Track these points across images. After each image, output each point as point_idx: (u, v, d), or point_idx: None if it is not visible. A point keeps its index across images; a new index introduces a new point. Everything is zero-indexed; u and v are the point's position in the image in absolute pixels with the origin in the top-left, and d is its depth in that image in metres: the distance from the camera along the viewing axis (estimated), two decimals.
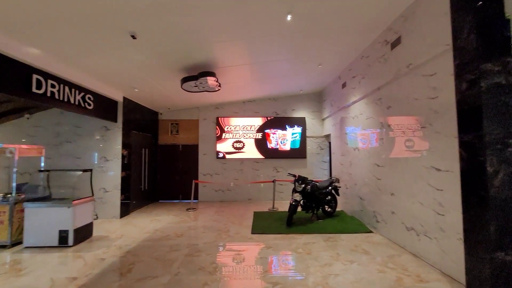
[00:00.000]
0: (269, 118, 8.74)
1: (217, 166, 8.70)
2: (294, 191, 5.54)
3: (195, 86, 5.39)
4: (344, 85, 6.50)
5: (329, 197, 6.03)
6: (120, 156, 6.43)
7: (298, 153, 8.66)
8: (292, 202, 5.40)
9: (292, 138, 8.67)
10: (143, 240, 4.66)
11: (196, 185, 8.11)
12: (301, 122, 8.74)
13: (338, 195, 6.14)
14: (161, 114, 8.96)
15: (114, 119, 6.44)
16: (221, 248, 4.29)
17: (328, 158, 8.71)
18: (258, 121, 8.72)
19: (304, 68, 6.26)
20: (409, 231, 3.92)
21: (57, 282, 3.14)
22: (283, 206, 7.48)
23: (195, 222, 6.00)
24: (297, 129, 8.70)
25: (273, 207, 7.22)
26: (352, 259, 3.71)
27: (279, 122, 8.73)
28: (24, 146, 4.91)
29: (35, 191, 5.06)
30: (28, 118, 6.58)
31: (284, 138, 8.67)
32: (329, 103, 7.90)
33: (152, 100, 7.48)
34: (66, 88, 4.74)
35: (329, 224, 5.48)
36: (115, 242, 4.60)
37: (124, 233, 5.14)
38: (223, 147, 8.64)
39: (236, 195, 8.63)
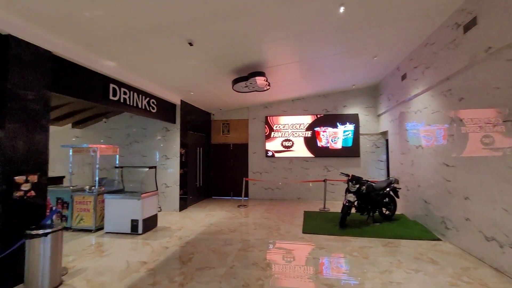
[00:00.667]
0: (318, 116, 8.50)
1: (266, 165, 8.82)
2: (348, 191, 5.28)
3: (246, 87, 5.56)
4: (404, 77, 5.93)
5: (387, 199, 5.59)
6: (178, 155, 7.01)
7: (351, 151, 8.22)
8: (345, 203, 5.16)
9: (343, 136, 8.28)
10: (200, 233, 5.00)
11: (246, 183, 8.35)
12: (353, 119, 8.27)
13: (398, 197, 5.65)
14: (213, 115, 9.46)
15: (173, 121, 7.05)
16: (272, 245, 4.35)
17: (385, 157, 8.07)
18: (307, 119, 8.55)
19: (357, 62, 5.91)
20: (489, 241, 3.39)
21: (131, 264, 3.60)
22: (335, 206, 7.20)
23: (246, 218, 6.19)
24: (349, 127, 8.26)
25: (324, 207, 7.01)
26: (416, 268, 3.38)
27: (330, 120, 8.41)
28: (103, 146, 5.73)
29: (112, 185, 5.87)
30: (105, 122, 7.64)
31: (335, 136, 8.33)
32: (385, 98, 7.31)
33: (206, 102, 7.96)
34: (135, 94, 5.37)
35: (387, 228, 5.08)
36: (176, 233, 5.04)
37: (183, 225, 5.60)
38: (272, 145, 8.71)
39: (285, 193, 8.62)
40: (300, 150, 8.52)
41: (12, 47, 3.03)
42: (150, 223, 5.25)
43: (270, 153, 8.72)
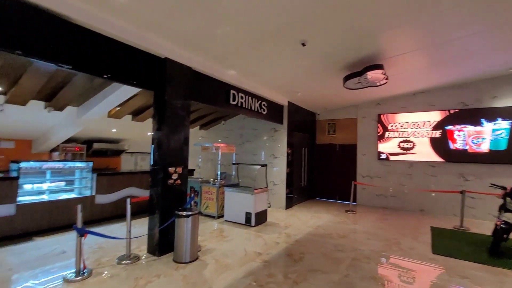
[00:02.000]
0: (452, 112, 6.88)
1: (379, 168, 7.89)
2: (504, 209, 4.01)
3: (358, 83, 5.12)
4: None
5: None
6: (285, 154, 7.25)
7: (505, 156, 6.23)
8: (501, 224, 3.93)
9: (493, 136, 6.37)
10: (307, 234, 4.98)
11: (355, 186, 7.74)
12: (509, 113, 6.24)
13: None
14: (318, 114, 9.28)
15: (281, 122, 7.34)
16: (393, 261, 3.81)
17: None
18: (435, 116, 7.08)
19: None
20: None
21: (248, 252, 3.95)
22: (477, 226, 5.65)
23: (356, 225, 5.71)
24: (503, 124, 6.28)
25: (461, 225, 5.60)
26: None
27: (469, 116, 6.66)
28: (223, 145, 6.59)
29: (229, 179, 6.68)
30: (223, 124, 8.80)
31: (478, 136, 6.52)
32: None
33: (311, 102, 7.88)
34: (249, 98, 5.90)
35: None
36: (284, 230, 5.21)
37: (290, 223, 5.73)
38: (387, 147, 7.71)
39: (402, 203, 7.45)
40: (424, 153, 7.15)
41: (167, 67, 3.89)
42: (261, 217, 5.64)
43: (383, 156, 7.75)
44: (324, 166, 9.05)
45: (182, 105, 4.08)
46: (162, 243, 3.74)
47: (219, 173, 6.32)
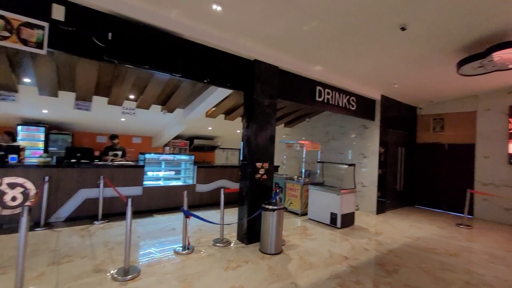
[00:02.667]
0: None
1: (509, 175, 6.15)
2: None
3: (480, 67, 4.11)
4: None
5: None
6: (377, 154, 6.57)
7: None
8: None
9: None
10: (404, 244, 4.38)
11: (471, 196, 6.28)
12: None
13: None
14: (420, 109, 7.97)
15: (372, 118, 6.68)
16: None
17: None
18: None
19: None
20: None
21: (333, 254, 3.80)
22: None
23: (472, 243, 4.64)
24: None
25: None
26: None
27: None
28: (308, 142, 6.52)
29: (314, 177, 6.56)
30: (307, 121, 8.69)
31: None
32: None
33: (411, 95, 6.84)
34: (336, 94, 5.62)
35: None
36: (375, 236, 4.74)
37: (382, 230, 5.17)
38: None
39: None
40: None
41: (256, 68, 4.14)
42: (348, 220, 5.31)
43: None
44: (427, 168, 7.71)
45: (269, 103, 4.26)
46: (250, 233, 4.03)
47: (303, 170, 6.30)
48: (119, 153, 6.05)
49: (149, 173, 6.07)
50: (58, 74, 4.98)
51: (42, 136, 7.39)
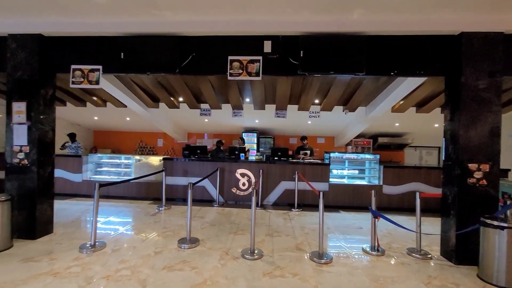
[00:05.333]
0: None
1: None
2: None
3: None
4: None
5: None
6: None
7: None
8: None
9: None
10: None
11: None
12: None
13: None
14: None
15: None
16: None
17: None
18: None
19: None
20: None
21: None
22: None
23: None
24: None
25: None
26: None
27: None
28: None
29: None
30: None
31: None
32: None
33: None
34: None
35: None
36: None
37: None
38: None
39: None
40: None
41: (463, 44, 3.25)
42: None
43: None
44: None
45: (488, 85, 3.21)
46: (461, 251, 3.22)
47: None
48: (308, 152, 6.90)
49: (334, 171, 6.44)
50: (265, 92, 6.54)
51: (255, 140, 9.96)
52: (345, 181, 6.32)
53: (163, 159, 6.26)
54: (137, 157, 6.75)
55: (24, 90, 3.71)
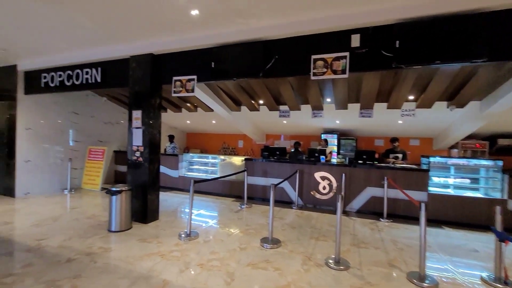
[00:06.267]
0: None
1: None
2: None
3: None
4: None
5: None
6: None
7: None
8: None
9: None
10: None
11: None
12: None
13: None
14: None
15: None
16: None
17: None
18: None
19: None
20: None
21: None
22: None
23: None
24: None
25: None
26: None
27: None
28: None
29: None
30: None
31: None
32: None
33: None
34: None
35: None
36: None
37: None
38: None
39: None
40: None
41: None
42: None
43: None
44: None
45: None
46: None
47: None
48: (400, 155, 6.06)
49: (435, 179, 5.45)
50: (348, 90, 6.10)
51: (335, 141, 9.42)
52: (450, 191, 5.25)
53: (245, 159, 6.61)
54: (222, 157, 7.34)
55: (139, 100, 4.53)
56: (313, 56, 3.45)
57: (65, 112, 7.00)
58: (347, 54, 3.29)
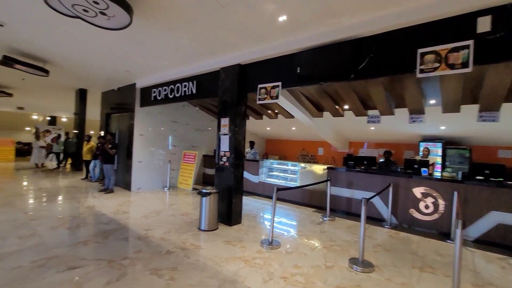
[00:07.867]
0: None
1: None
2: None
3: None
4: None
5: None
6: None
7: None
8: None
9: None
10: None
11: None
12: None
13: None
14: None
15: None
16: None
17: None
18: None
19: None
20: None
21: None
22: None
23: None
24: None
25: None
26: None
27: None
28: None
29: None
30: None
31: None
32: None
33: None
34: None
35: None
36: None
37: None
38: None
39: None
40: None
41: None
42: None
43: None
44: None
45: None
46: None
47: None
48: None
49: None
50: (463, 89, 4.95)
51: (439, 151, 7.84)
52: None
53: (327, 168, 6.20)
54: (302, 164, 7.11)
55: (227, 108, 4.82)
56: (420, 50, 2.89)
57: (167, 121, 8.19)
58: (470, 42, 2.61)
